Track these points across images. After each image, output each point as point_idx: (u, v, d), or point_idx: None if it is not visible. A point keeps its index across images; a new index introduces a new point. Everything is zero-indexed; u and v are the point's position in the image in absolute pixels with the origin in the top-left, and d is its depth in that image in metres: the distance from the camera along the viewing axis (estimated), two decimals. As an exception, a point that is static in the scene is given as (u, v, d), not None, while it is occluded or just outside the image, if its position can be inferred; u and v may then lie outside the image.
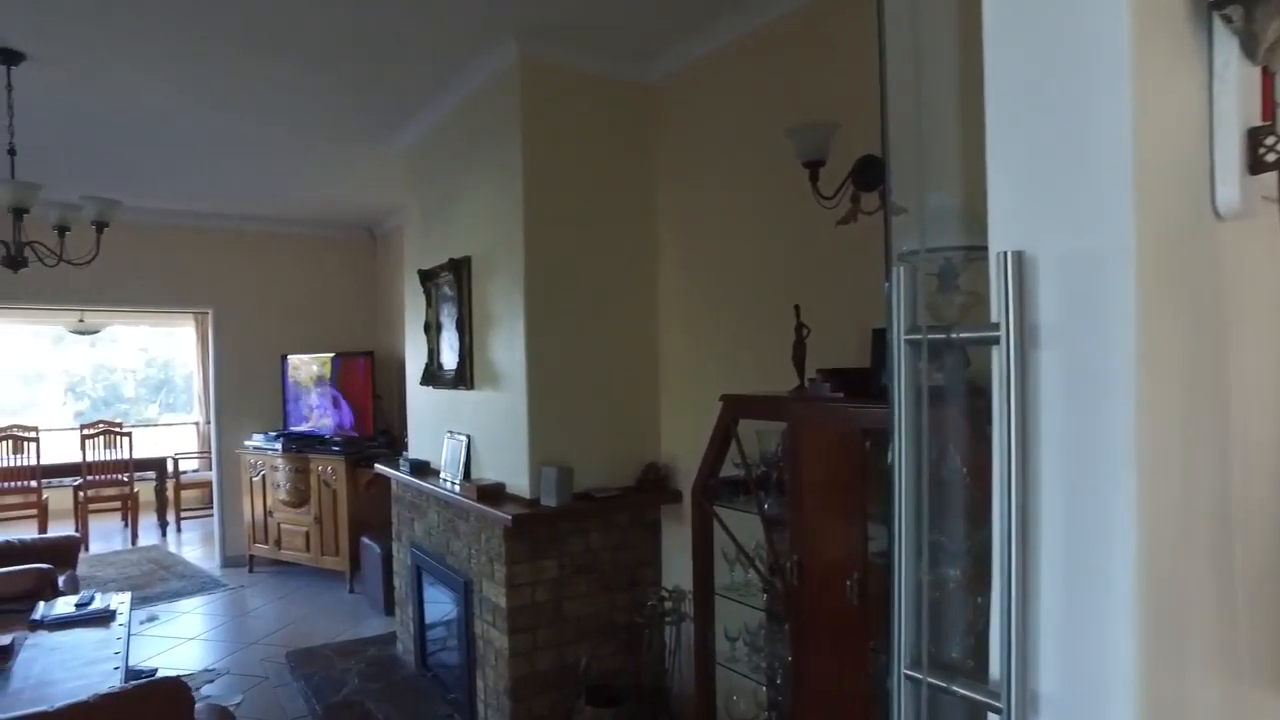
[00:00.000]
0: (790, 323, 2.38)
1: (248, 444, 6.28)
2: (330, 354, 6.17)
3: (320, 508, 5.76)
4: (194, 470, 8.43)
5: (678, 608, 3.14)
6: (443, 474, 3.71)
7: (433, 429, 4.04)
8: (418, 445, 4.30)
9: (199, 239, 6.32)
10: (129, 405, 9.84)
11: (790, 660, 2.21)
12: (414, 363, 4.28)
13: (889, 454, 0.76)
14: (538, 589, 3.07)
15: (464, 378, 3.58)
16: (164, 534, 7.68)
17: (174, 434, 9.27)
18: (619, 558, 3.27)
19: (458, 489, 3.42)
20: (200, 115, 3.87)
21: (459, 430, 3.67)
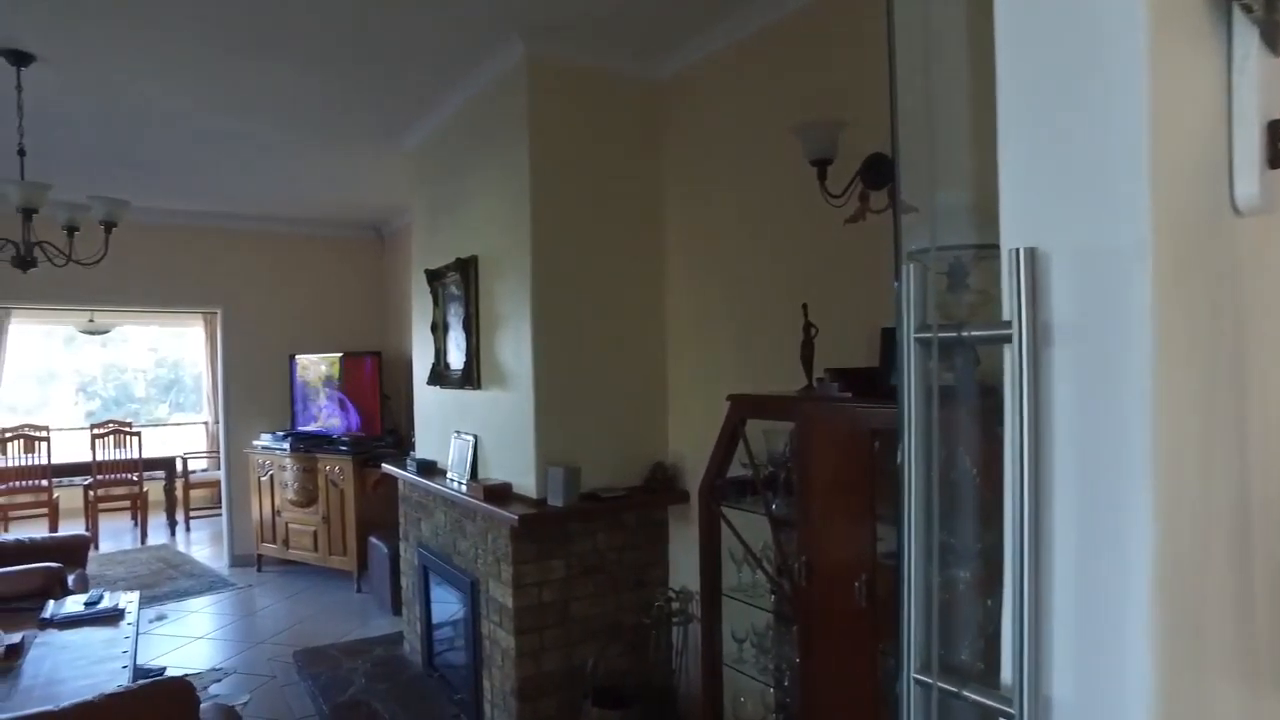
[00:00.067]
0: (798, 322, 2.37)
1: (256, 444, 6.31)
2: (338, 354, 6.19)
3: (328, 507, 5.77)
4: (203, 470, 8.48)
5: (685, 608, 3.12)
6: (450, 474, 3.71)
7: (440, 429, 4.05)
8: (425, 445, 4.30)
9: (207, 239, 6.35)
10: (139, 405, 9.90)
11: (798, 662, 2.20)
12: (421, 362, 4.28)
13: (898, 454, 0.75)
14: (544, 589, 3.06)
15: (471, 377, 3.58)
16: (173, 533, 7.72)
17: (183, 434, 9.32)
18: (626, 558, 3.26)
19: (464, 489, 3.41)
20: (208, 116, 3.88)
21: (466, 430, 3.67)
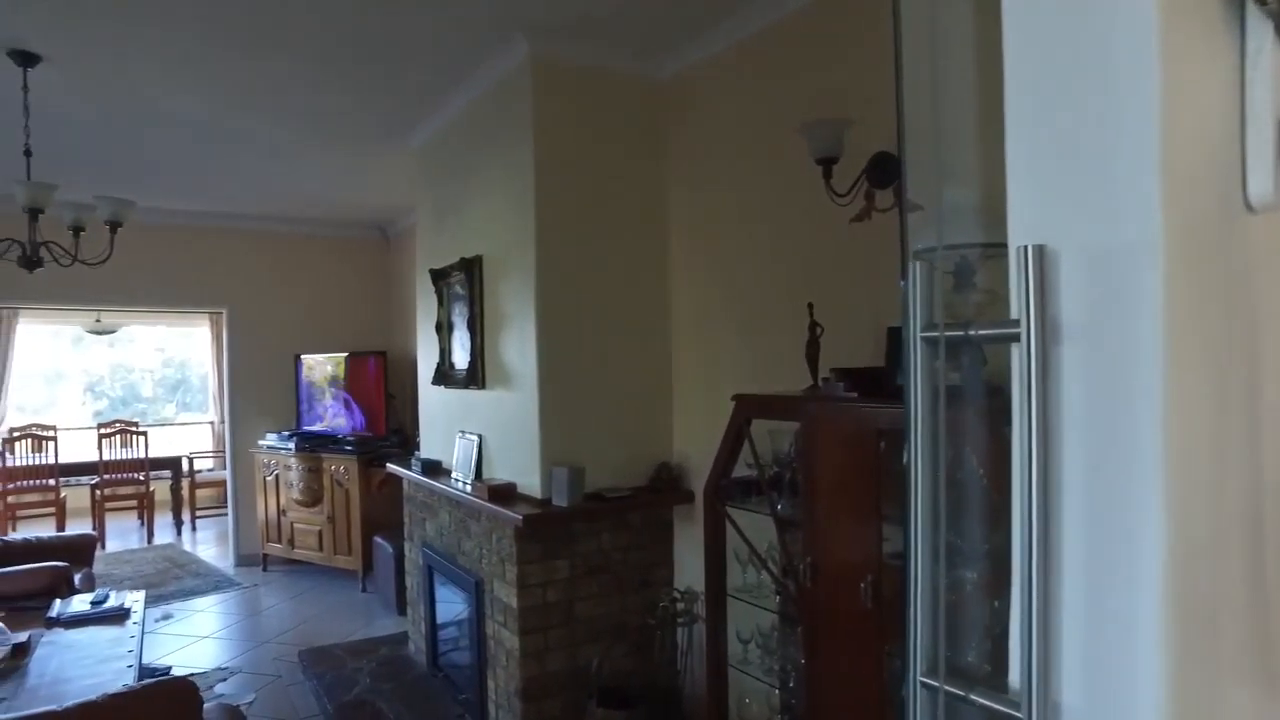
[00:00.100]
0: (803, 321, 2.36)
1: (262, 443, 6.32)
2: (343, 354, 6.20)
3: (333, 507, 5.78)
4: (209, 469, 8.50)
5: (690, 609, 3.12)
6: (454, 474, 3.71)
7: (444, 429, 4.05)
8: (429, 445, 4.30)
9: (213, 239, 6.36)
10: (146, 405, 9.94)
11: (803, 663, 2.19)
12: (426, 362, 4.28)
13: (905, 454, 0.74)
14: (549, 589, 3.06)
15: (475, 377, 3.58)
16: (179, 533, 7.74)
17: (189, 433, 9.36)
18: (630, 558, 3.25)
19: (469, 489, 3.41)
20: (214, 116, 3.89)
21: (470, 430, 3.67)
